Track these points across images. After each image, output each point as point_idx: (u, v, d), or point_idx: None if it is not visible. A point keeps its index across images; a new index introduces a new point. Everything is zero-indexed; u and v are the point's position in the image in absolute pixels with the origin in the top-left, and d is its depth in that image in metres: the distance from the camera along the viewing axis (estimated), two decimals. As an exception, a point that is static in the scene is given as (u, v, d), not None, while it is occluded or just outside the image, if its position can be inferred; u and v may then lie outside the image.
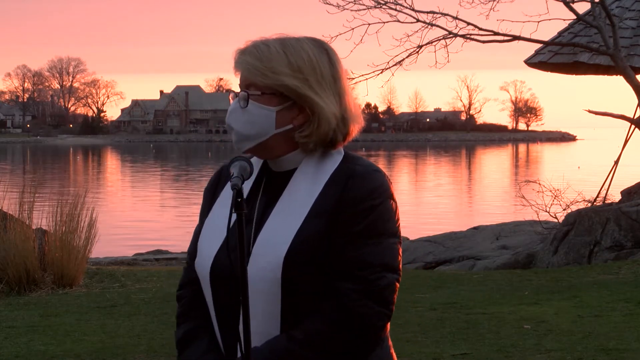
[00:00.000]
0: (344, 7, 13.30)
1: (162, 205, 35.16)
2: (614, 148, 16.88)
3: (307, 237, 2.11)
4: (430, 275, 11.32)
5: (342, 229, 2.12)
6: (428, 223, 25.18)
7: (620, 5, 13.77)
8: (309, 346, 2.10)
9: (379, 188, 2.15)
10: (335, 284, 2.12)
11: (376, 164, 2.25)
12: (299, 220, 2.13)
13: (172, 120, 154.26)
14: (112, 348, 6.95)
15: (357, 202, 2.13)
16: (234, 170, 2.09)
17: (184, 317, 2.30)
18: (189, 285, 2.31)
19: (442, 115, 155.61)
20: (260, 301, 2.11)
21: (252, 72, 2.18)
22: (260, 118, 2.18)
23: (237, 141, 2.21)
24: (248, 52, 2.20)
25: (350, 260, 2.11)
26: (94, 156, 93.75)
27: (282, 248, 2.10)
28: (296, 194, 2.17)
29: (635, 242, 11.84)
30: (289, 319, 2.13)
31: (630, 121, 13.89)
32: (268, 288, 2.11)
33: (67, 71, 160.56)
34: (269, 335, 2.13)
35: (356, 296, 2.10)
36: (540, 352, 6.46)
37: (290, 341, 2.10)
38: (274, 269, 2.10)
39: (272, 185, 2.22)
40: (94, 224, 10.63)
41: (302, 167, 2.21)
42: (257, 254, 2.12)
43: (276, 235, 2.13)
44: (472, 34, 13.08)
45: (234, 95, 2.22)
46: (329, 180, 2.18)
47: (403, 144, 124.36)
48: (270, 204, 2.19)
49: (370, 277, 2.11)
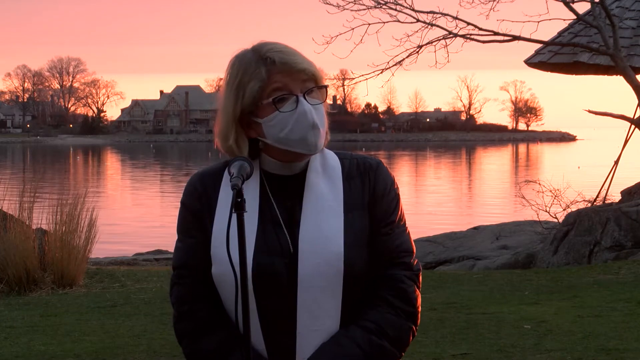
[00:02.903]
0: (344, 7, 13.31)
1: (162, 205, 35.15)
2: (614, 148, 16.87)
3: (356, 231, 2.17)
4: (430, 275, 11.31)
5: (382, 219, 2.22)
6: (428, 223, 25.17)
7: (620, 5, 13.77)
8: (383, 335, 2.17)
9: (393, 179, 2.27)
10: (388, 272, 2.21)
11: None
12: (339, 216, 2.17)
13: (172, 120, 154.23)
14: (112, 348, 6.95)
15: (387, 192, 2.24)
16: (233, 170, 2.08)
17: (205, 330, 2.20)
18: (198, 298, 2.22)
19: (442, 115, 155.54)
20: (320, 298, 2.14)
21: (315, 70, 2.20)
22: (324, 114, 2.23)
23: (320, 139, 2.19)
24: (294, 52, 2.19)
25: (396, 247, 2.23)
26: (94, 156, 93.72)
27: (336, 242, 2.14)
28: (320, 191, 2.20)
29: (635, 242, 11.83)
30: (347, 312, 2.17)
31: (630, 121, 13.89)
32: (328, 284, 2.14)
33: (67, 71, 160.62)
34: (329, 331, 2.15)
35: (409, 282, 2.22)
36: (540, 352, 6.46)
37: (366, 332, 2.15)
38: (334, 263, 2.13)
39: (283, 189, 2.21)
40: (94, 224, 10.63)
41: (312, 166, 2.23)
42: (309, 251, 2.13)
43: (323, 232, 2.15)
44: (472, 34, 13.08)
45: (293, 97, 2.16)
46: (344, 175, 2.23)
47: (403, 144, 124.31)
48: (295, 205, 2.19)
49: (411, 263, 2.25)
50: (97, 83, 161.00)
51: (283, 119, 2.15)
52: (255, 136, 2.21)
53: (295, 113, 2.14)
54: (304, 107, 2.15)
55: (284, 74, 2.15)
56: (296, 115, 2.14)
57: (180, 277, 2.25)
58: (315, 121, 2.15)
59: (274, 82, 2.15)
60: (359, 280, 2.17)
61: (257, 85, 2.15)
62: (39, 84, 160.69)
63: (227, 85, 2.20)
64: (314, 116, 2.15)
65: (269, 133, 2.18)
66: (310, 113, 2.15)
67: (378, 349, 2.15)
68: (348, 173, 2.23)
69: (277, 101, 2.15)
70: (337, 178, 2.22)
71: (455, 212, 30.74)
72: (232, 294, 2.11)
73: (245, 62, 2.18)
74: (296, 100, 2.15)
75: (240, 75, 2.18)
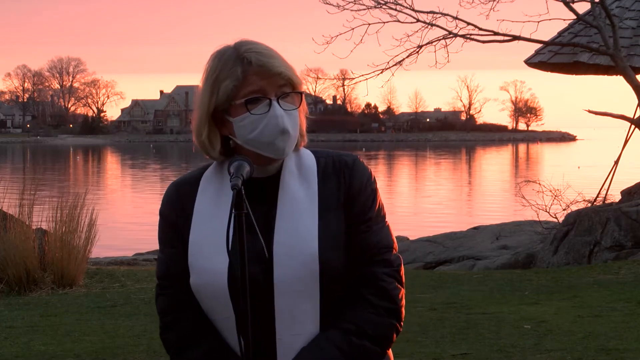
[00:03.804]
0: (344, 7, 13.32)
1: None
2: (614, 148, 16.88)
3: (331, 232, 2.15)
4: (430, 275, 11.32)
5: (359, 217, 2.19)
6: (428, 223, 25.18)
7: (620, 5, 13.78)
8: (363, 335, 2.14)
9: (370, 173, 2.24)
10: (366, 269, 2.18)
11: (375, 164, 2.28)
12: (313, 217, 2.15)
13: (172, 120, 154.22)
14: (112, 348, 6.95)
15: (363, 189, 2.20)
16: (233, 170, 2.07)
17: (189, 341, 2.19)
18: (181, 308, 2.21)
19: (442, 115, 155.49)
20: (298, 302, 2.11)
21: (292, 74, 2.17)
22: (298, 119, 2.21)
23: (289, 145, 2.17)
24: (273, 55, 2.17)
25: (375, 244, 2.19)
26: (94, 156, 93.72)
27: (311, 245, 2.12)
28: (294, 193, 2.18)
29: (635, 242, 11.83)
30: (326, 314, 2.15)
31: (630, 121, 13.89)
32: (304, 287, 2.12)
33: (67, 71, 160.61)
34: (310, 334, 2.13)
35: (389, 279, 2.18)
36: (540, 352, 6.46)
37: (346, 334, 2.13)
38: (310, 266, 2.11)
39: (257, 193, 2.19)
40: (94, 224, 10.63)
41: (287, 168, 2.21)
42: (284, 255, 2.11)
43: (297, 235, 2.13)
44: (472, 34, 13.09)
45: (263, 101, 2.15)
46: (319, 175, 2.20)
47: (403, 144, 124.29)
48: (269, 209, 2.17)
49: (391, 259, 2.20)
50: (97, 83, 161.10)
51: (253, 121, 2.14)
52: (227, 134, 2.21)
53: (266, 117, 2.14)
54: (276, 112, 2.14)
55: (260, 76, 2.14)
56: (267, 118, 2.14)
57: (163, 288, 2.24)
58: (286, 127, 2.14)
59: (249, 83, 2.15)
60: (336, 282, 2.14)
61: (232, 84, 2.15)
62: (39, 84, 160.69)
63: (205, 79, 2.20)
64: (284, 121, 2.14)
65: (239, 133, 2.17)
66: (282, 118, 2.14)
67: (359, 350, 2.12)
68: (324, 172, 2.21)
69: (250, 102, 2.14)
70: (313, 178, 2.19)
71: (455, 212, 30.72)
72: (213, 303, 2.14)
73: (225, 59, 2.17)
74: (269, 104, 2.14)
75: (217, 71, 2.17)
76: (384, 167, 62.92)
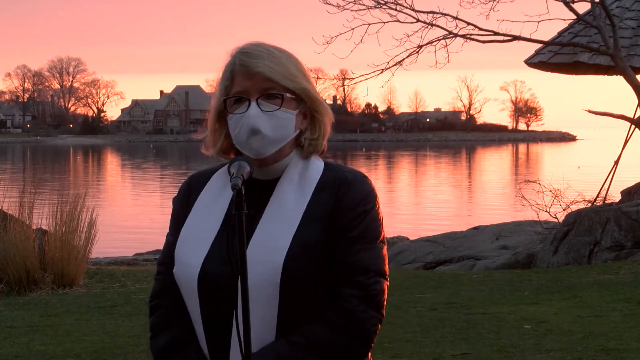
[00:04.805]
0: (344, 7, 13.32)
1: (162, 205, 35.14)
2: (614, 148, 16.88)
3: (303, 243, 2.12)
4: (430, 275, 11.32)
5: (339, 234, 2.15)
6: (428, 223, 25.19)
7: (620, 5, 13.78)
8: (311, 351, 2.10)
9: (370, 194, 2.20)
10: (336, 289, 2.13)
11: (375, 164, 2.26)
12: (293, 226, 2.14)
13: (172, 120, 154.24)
14: (112, 348, 6.96)
15: (352, 208, 2.17)
16: (233, 170, 2.07)
17: (162, 327, 2.25)
18: (165, 294, 2.26)
19: (442, 115, 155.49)
20: (257, 308, 2.09)
21: (278, 76, 2.17)
22: (286, 122, 2.19)
23: (263, 146, 2.17)
24: (262, 56, 2.18)
25: (349, 265, 2.14)
26: (94, 156, 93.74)
27: (280, 253, 2.10)
28: (285, 200, 2.18)
29: (635, 242, 11.84)
30: (284, 325, 2.12)
31: (630, 121, 13.89)
32: (265, 294, 2.10)
33: (67, 71, 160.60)
34: (263, 341, 2.12)
35: (356, 301, 2.12)
36: (540, 352, 6.46)
37: (293, 346, 2.10)
38: (272, 275, 2.09)
39: (255, 194, 2.20)
40: (94, 224, 10.64)
41: (288, 174, 2.22)
42: (253, 260, 2.09)
43: (271, 241, 2.12)
44: (472, 34, 13.09)
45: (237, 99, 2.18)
46: (317, 187, 2.20)
47: (403, 144, 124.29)
48: (257, 213, 2.18)
49: (367, 282, 2.14)
50: (97, 83, 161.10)
51: (235, 121, 2.19)
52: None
53: (243, 117, 2.17)
54: (250, 112, 2.16)
55: (244, 76, 2.18)
56: (243, 118, 2.17)
57: (158, 273, 2.31)
58: (258, 127, 2.15)
59: (236, 83, 2.19)
60: (300, 293, 2.11)
61: (223, 85, 2.21)
62: (39, 84, 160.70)
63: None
64: (257, 122, 2.15)
65: (230, 132, 2.23)
66: (255, 118, 2.15)
67: None
68: (322, 185, 2.19)
69: (234, 102, 2.19)
70: (309, 189, 2.19)
71: (455, 212, 30.73)
72: (186, 296, 2.18)
73: (227, 60, 2.24)
74: (248, 105, 2.17)
75: (221, 72, 2.25)
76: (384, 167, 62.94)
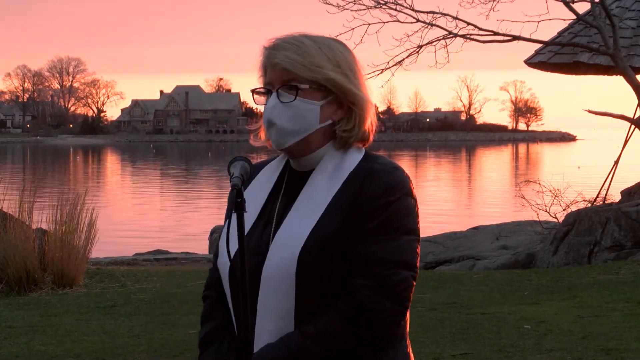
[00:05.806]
0: (344, 7, 13.31)
1: (162, 205, 35.15)
2: (614, 148, 16.88)
3: (321, 235, 2.11)
4: (430, 275, 11.32)
5: (356, 225, 2.12)
6: (428, 223, 25.17)
7: (620, 5, 13.78)
8: (320, 341, 2.09)
9: (397, 185, 2.17)
10: (348, 280, 2.12)
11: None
12: (315, 217, 2.13)
13: (172, 120, 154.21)
14: (112, 348, 6.95)
15: (373, 199, 2.13)
16: (234, 170, 2.09)
17: (207, 317, 2.31)
18: (214, 285, 2.31)
19: (442, 115, 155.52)
20: (275, 299, 2.11)
21: (296, 66, 2.16)
22: (306, 113, 2.17)
23: (279, 137, 2.17)
24: (285, 47, 2.18)
25: (364, 256, 2.11)
26: (94, 156, 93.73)
27: (297, 244, 2.10)
28: (314, 192, 2.17)
29: (635, 242, 11.84)
30: (303, 317, 2.12)
31: (630, 121, 13.89)
32: (282, 285, 2.11)
33: (67, 71, 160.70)
34: (282, 332, 2.13)
35: (368, 292, 2.09)
36: (540, 352, 6.46)
37: (303, 336, 2.10)
38: (288, 266, 2.10)
39: (292, 185, 2.23)
40: (94, 224, 10.64)
41: (322, 166, 2.21)
42: (273, 252, 2.12)
43: (292, 234, 2.13)
44: (472, 34, 13.09)
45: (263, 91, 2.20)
46: (347, 178, 2.18)
47: (403, 144, 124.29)
48: (289, 204, 2.19)
49: (383, 273, 2.10)
50: (97, 83, 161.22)
51: (263, 112, 2.22)
52: None
53: (265, 108, 2.20)
54: (268, 104, 2.19)
55: (269, 68, 2.20)
56: (265, 110, 2.20)
57: (213, 263, 2.34)
58: (272, 119, 2.16)
59: (265, 75, 2.22)
60: (315, 285, 2.10)
61: (259, 76, 2.24)
62: (39, 84, 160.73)
63: None
64: (272, 113, 2.16)
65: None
66: (270, 110, 2.17)
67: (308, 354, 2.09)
68: (352, 177, 2.17)
69: (261, 94, 2.22)
70: (339, 180, 2.17)
71: (455, 212, 30.73)
72: (225, 286, 2.23)
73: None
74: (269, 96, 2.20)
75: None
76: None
